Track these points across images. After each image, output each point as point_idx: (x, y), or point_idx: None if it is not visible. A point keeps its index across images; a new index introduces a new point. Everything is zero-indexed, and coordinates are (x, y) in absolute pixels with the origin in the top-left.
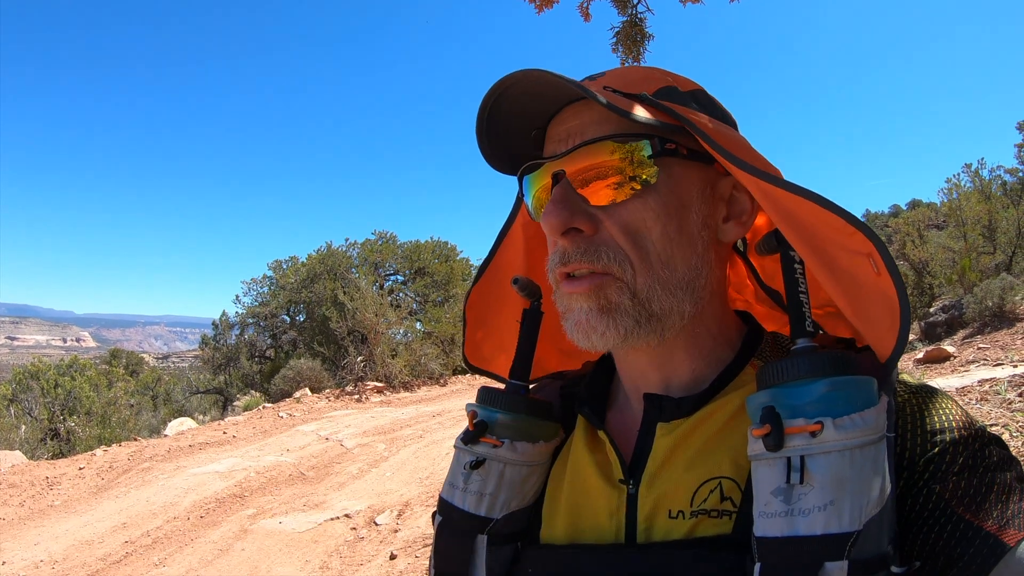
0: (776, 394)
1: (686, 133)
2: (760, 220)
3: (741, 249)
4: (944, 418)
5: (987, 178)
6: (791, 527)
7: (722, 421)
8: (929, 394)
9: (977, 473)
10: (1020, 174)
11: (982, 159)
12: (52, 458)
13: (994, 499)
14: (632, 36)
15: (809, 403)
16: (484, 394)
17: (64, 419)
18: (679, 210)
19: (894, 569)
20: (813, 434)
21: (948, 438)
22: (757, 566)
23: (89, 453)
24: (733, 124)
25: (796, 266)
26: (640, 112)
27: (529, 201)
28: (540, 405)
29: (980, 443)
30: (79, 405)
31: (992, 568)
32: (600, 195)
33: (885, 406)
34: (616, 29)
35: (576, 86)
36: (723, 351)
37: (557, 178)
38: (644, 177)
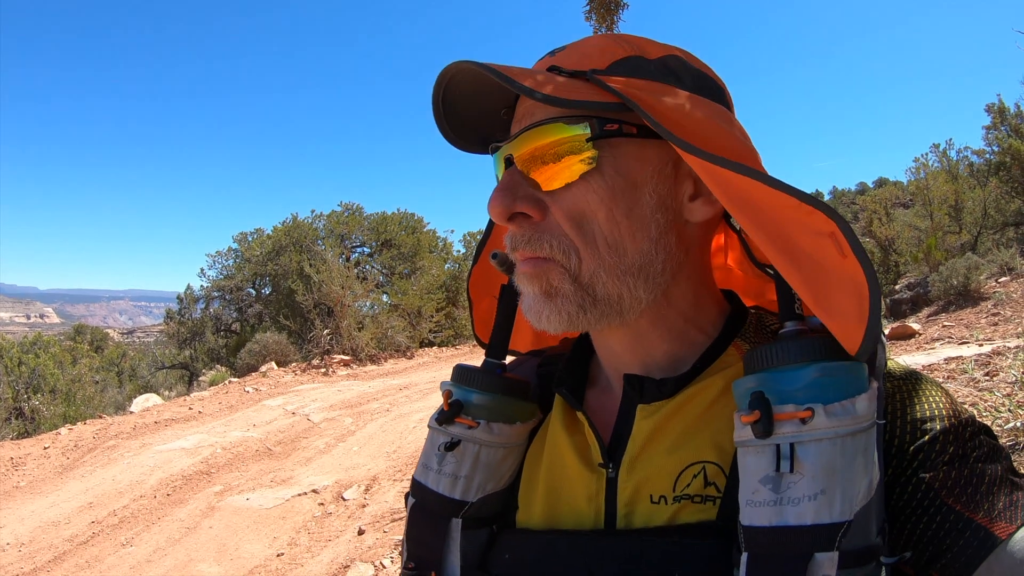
0: (765, 379)
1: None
2: None
3: (737, 227)
4: (933, 406)
5: (955, 159)
6: (780, 516)
7: (705, 404)
8: (917, 381)
9: (968, 463)
10: (987, 155)
11: (950, 140)
12: (17, 438)
13: (985, 490)
14: (606, 4)
15: (799, 389)
16: (459, 373)
17: (28, 398)
18: (627, 192)
19: (883, 559)
20: (803, 421)
21: (938, 427)
22: (744, 556)
23: (54, 432)
24: (716, 89)
25: None
26: (575, 95)
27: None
28: (517, 384)
29: (970, 432)
30: (43, 383)
31: (983, 561)
32: (547, 180)
33: (875, 392)
34: None
35: (496, 75)
36: (699, 334)
37: (509, 162)
38: (586, 160)
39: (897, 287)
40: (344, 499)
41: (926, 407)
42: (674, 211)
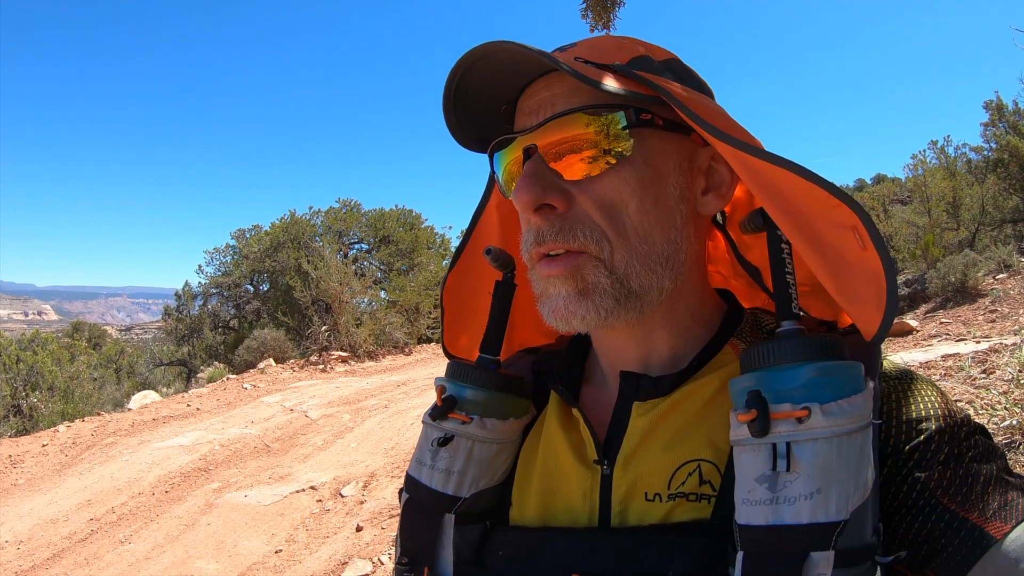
0: (761, 378)
1: (661, 103)
2: (740, 193)
3: (720, 222)
4: (928, 406)
5: (953, 155)
6: (776, 515)
7: (701, 402)
8: (911, 380)
9: (963, 463)
10: (985, 152)
11: (948, 136)
12: (15, 435)
13: (980, 490)
14: (602, 2)
15: (796, 388)
16: (454, 368)
17: (27, 395)
18: (656, 182)
19: (878, 559)
20: (800, 420)
21: (933, 427)
22: (740, 555)
23: (52, 429)
24: (710, 94)
25: (783, 246)
26: (612, 83)
27: (500, 177)
28: (511, 381)
29: (965, 432)
30: (42, 380)
31: (977, 560)
32: (574, 169)
33: (872, 392)
34: None
35: (545, 57)
36: (702, 329)
37: (528, 153)
38: (619, 149)
39: None
40: (342, 496)
41: (921, 407)
42: (691, 203)
